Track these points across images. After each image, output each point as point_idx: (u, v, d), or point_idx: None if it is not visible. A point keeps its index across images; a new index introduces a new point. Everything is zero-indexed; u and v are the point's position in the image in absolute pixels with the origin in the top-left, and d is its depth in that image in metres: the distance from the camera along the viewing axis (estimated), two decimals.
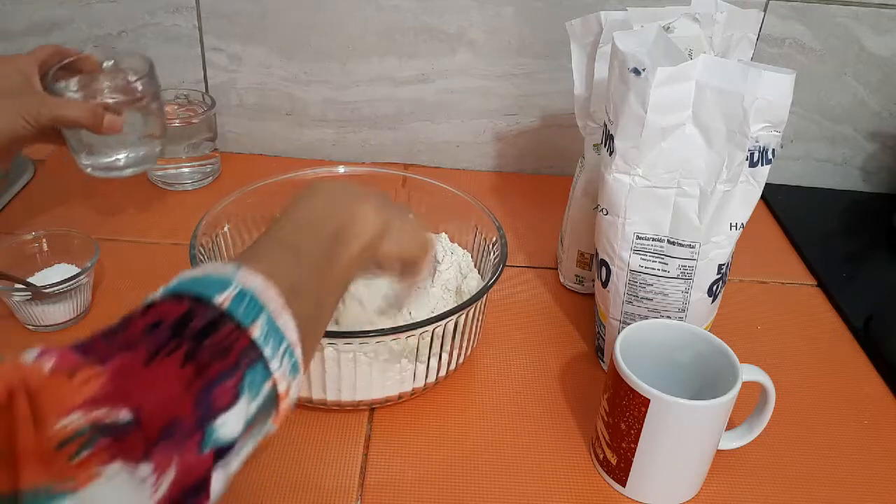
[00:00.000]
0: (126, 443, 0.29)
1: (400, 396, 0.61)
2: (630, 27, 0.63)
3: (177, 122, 0.85)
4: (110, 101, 0.68)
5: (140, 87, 0.70)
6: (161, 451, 0.29)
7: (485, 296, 0.61)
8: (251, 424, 0.34)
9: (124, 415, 0.29)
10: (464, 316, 0.60)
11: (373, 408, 0.62)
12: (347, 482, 0.56)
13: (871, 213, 0.97)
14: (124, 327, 0.33)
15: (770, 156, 0.55)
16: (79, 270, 0.68)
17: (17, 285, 0.66)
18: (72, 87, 0.69)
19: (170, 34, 0.91)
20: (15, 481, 0.27)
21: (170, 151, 0.86)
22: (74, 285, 0.66)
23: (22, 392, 0.28)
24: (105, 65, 0.71)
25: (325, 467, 0.57)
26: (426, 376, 0.61)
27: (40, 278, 0.68)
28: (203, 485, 0.31)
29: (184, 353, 0.32)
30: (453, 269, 0.71)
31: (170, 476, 0.30)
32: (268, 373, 0.35)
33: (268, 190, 0.72)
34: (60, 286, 0.65)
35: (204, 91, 0.94)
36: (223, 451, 0.32)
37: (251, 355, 0.34)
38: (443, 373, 0.63)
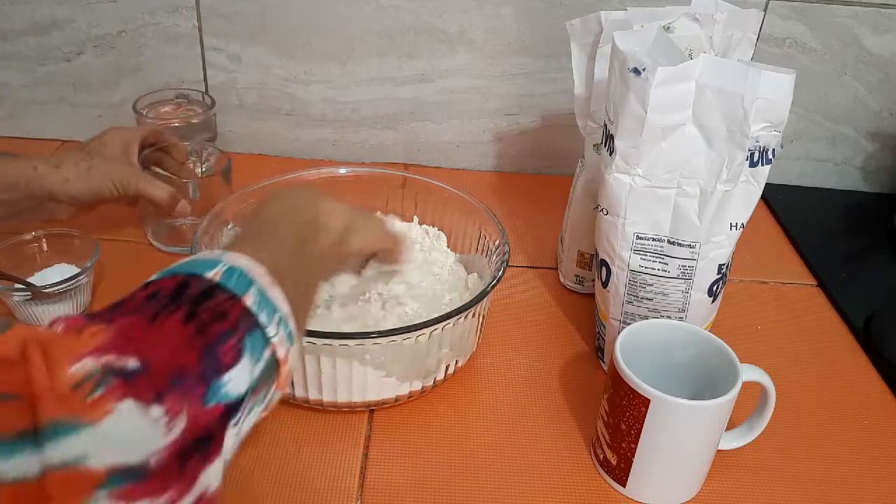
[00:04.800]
0: (137, 385, 0.31)
1: (397, 399, 0.61)
2: (630, 27, 0.63)
3: (176, 123, 0.85)
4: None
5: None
6: (171, 397, 0.31)
7: (485, 297, 0.61)
8: (256, 387, 0.36)
9: (132, 362, 0.31)
10: (463, 318, 0.60)
11: (371, 409, 0.62)
12: (347, 482, 0.56)
13: (871, 213, 0.97)
14: (128, 299, 0.36)
15: (770, 156, 0.55)
16: (79, 270, 0.67)
17: (17, 285, 0.66)
18: (161, 169, 0.77)
19: (170, 34, 0.91)
20: (34, 418, 0.28)
21: None
22: (74, 285, 0.66)
23: (34, 346, 0.30)
24: (191, 159, 0.81)
25: (324, 468, 0.57)
26: (424, 379, 0.61)
27: (40, 278, 0.68)
28: (213, 436, 0.33)
29: (184, 314, 0.34)
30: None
31: (181, 422, 0.31)
32: (266, 339, 0.37)
33: (269, 190, 0.72)
34: (60, 286, 0.65)
35: (204, 91, 0.94)
36: (232, 409, 0.34)
37: (248, 321, 0.36)
38: (441, 376, 0.62)
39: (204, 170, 0.82)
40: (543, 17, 0.89)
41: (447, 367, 0.62)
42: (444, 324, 0.57)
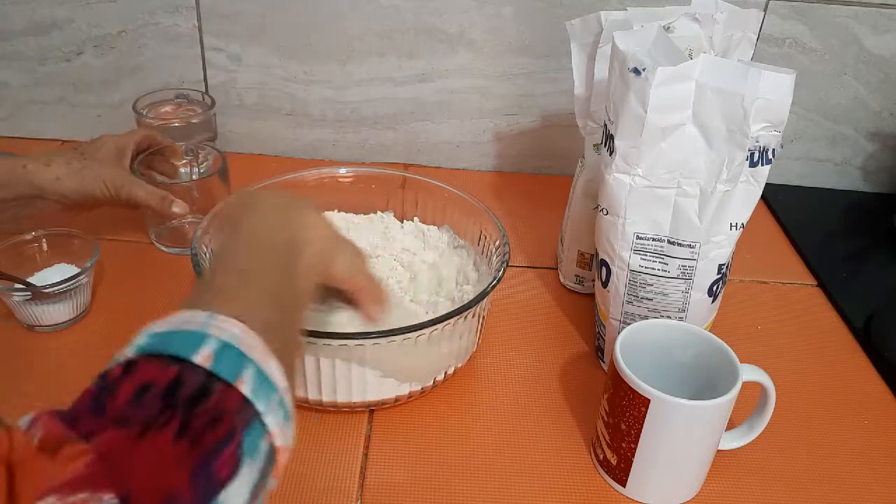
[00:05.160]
0: None
1: (397, 399, 0.61)
2: (630, 27, 0.63)
3: (176, 123, 0.85)
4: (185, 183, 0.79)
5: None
6: None
7: (485, 297, 0.61)
8: (256, 489, 0.32)
9: (108, 499, 0.27)
10: (463, 318, 0.60)
11: (371, 409, 0.62)
12: (347, 482, 0.56)
13: (871, 213, 0.97)
14: (111, 393, 0.31)
15: (770, 156, 0.55)
16: (79, 270, 0.67)
17: (17, 285, 0.66)
18: (158, 172, 0.79)
19: (169, 34, 0.91)
20: None
21: None
22: (74, 285, 0.66)
23: (3, 465, 0.27)
24: (186, 158, 0.82)
25: (324, 468, 0.57)
26: (424, 379, 0.61)
27: (40, 278, 0.68)
28: None
29: (177, 426, 0.30)
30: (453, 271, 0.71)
31: None
32: (264, 429, 0.33)
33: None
34: (60, 286, 0.65)
35: (204, 91, 0.94)
36: None
37: (245, 414, 0.33)
38: (441, 376, 0.62)
39: (201, 171, 0.82)
40: (543, 17, 0.89)
41: (447, 367, 0.62)
42: (444, 324, 0.57)
